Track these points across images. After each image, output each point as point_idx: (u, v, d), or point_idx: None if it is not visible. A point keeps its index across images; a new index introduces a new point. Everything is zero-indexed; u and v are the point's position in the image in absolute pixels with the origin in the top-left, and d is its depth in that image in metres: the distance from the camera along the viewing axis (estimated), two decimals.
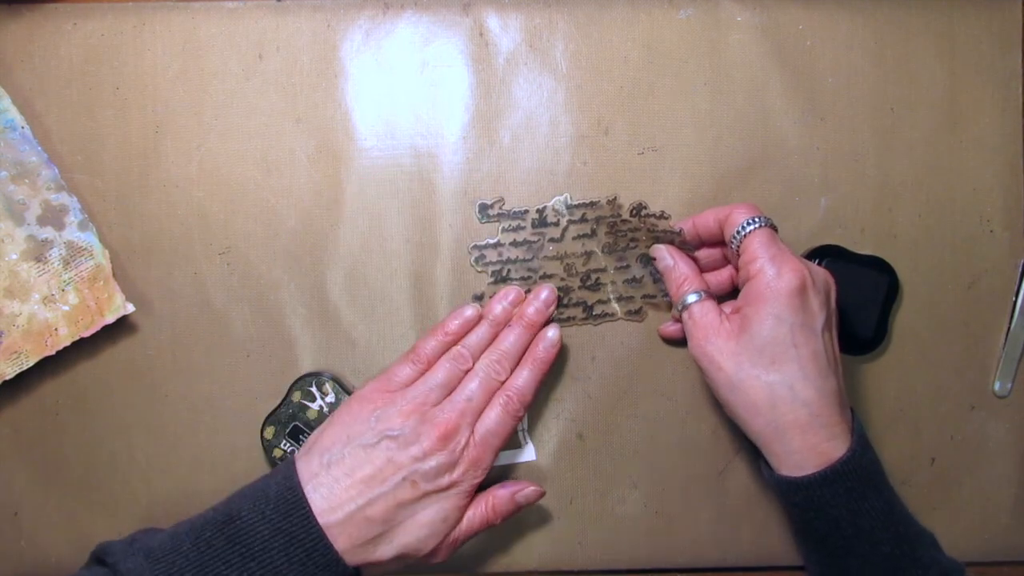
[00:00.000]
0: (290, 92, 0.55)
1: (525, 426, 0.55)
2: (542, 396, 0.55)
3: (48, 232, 0.53)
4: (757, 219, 0.48)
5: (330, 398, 0.54)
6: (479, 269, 0.48)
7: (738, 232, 0.48)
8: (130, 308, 0.53)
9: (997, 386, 0.56)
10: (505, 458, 0.55)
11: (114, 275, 0.53)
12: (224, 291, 0.55)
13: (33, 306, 0.52)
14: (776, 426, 0.46)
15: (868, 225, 0.56)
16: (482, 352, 0.51)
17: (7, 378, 0.52)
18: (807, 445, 0.46)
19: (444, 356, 0.51)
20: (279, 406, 0.54)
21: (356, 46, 0.55)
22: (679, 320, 0.51)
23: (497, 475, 0.55)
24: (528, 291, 0.54)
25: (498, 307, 0.53)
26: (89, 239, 0.53)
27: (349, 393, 0.54)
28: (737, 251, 0.49)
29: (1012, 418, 0.56)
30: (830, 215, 0.56)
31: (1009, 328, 0.56)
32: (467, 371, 0.50)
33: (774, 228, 0.49)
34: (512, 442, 0.54)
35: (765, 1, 0.56)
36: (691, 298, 0.50)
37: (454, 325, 0.52)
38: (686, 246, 0.53)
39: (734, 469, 0.56)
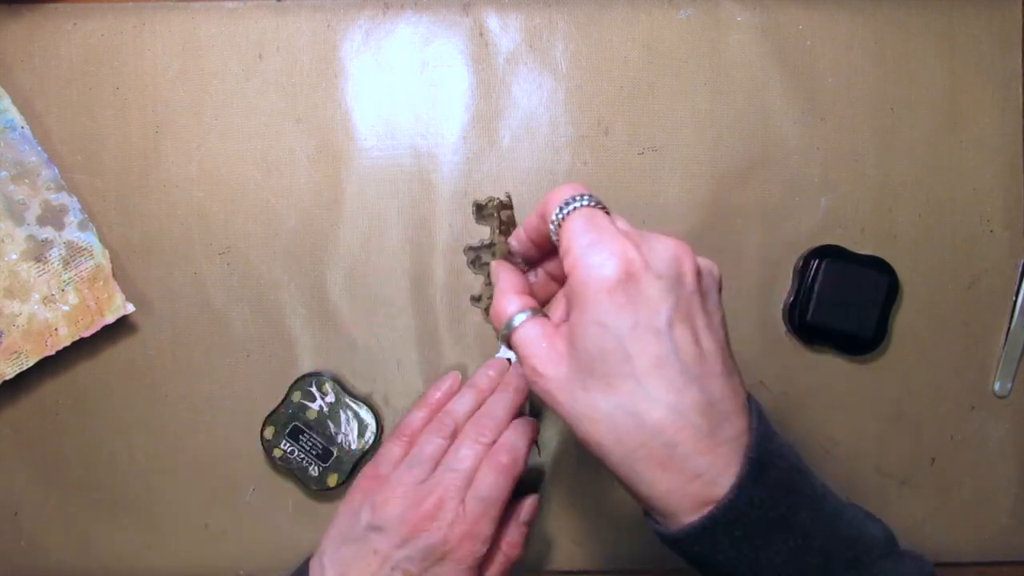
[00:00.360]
0: (290, 92, 0.55)
1: None
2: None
3: (48, 232, 0.53)
4: (575, 199, 0.37)
5: (330, 398, 0.54)
6: (475, 271, 0.46)
7: (554, 219, 0.37)
8: (130, 308, 0.53)
9: (997, 386, 0.56)
10: None
11: (114, 275, 0.53)
12: (224, 291, 0.55)
13: (33, 306, 0.52)
14: (630, 465, 0.35)
15: (868, 225, 0.56)
16: (468, 417, 0.49)
17: (7, 378, 0.52)
18: (672, 487, 0.34)
19: (427, 428, 0.50)
20: (279, 406, 0.54)
21: (356, 46, 0.55)
22: (509, 347, 0.40)
23: None
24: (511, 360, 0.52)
25: (483, 378, 0.52)
26: (89, 239, 0.53)
27: (350, 394, 0.54)
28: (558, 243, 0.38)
29: (1012, 418, 0.56)
30: (830, 215, 0.56)
31: (1009, 328, 0.56)
32: (453, 436, 0.48)
33: (601, 207, 0.37)
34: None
35: (765, 1, 0.56)
36: (515, 321, 0.38)
37: (437, 397, 0.52)
38: (515, 260, 0.43)
39: None
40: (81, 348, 0.53)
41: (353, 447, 0.54)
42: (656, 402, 0.34)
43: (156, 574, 0.55)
